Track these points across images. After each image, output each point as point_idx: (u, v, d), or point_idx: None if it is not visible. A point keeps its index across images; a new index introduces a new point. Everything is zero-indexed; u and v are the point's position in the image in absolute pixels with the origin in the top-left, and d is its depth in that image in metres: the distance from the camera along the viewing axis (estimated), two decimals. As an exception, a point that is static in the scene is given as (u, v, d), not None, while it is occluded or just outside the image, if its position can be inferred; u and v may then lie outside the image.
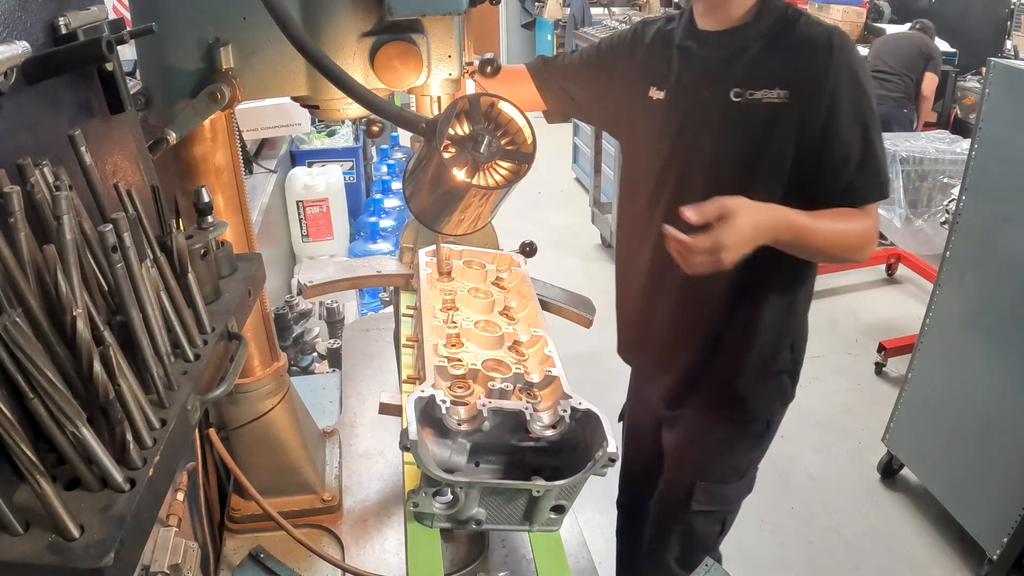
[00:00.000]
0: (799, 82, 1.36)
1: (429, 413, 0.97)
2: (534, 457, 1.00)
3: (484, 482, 0.94)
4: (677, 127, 1.49)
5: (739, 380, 1.61)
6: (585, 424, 0.97)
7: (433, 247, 1.39)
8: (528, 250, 1.46)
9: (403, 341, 1.32)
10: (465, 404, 0.99)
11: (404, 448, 0.90)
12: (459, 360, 1.09)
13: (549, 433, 0.97)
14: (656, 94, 1.52)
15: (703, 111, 1.44)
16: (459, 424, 0.97)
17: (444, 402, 0.96)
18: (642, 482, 1.94)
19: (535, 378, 1.07)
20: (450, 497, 0.96)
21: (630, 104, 1.59)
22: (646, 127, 1.56)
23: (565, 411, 0.97)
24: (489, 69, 1.19)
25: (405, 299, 1.47)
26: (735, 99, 1.40)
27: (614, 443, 0.92)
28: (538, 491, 0.94)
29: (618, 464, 1.25)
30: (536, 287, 1.36)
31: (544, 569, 1.04)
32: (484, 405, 0.97)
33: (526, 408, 0.98)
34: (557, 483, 0.93)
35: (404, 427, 0.91)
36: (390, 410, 1.33)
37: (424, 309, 1.22)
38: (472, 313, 1.26)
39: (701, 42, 1.48)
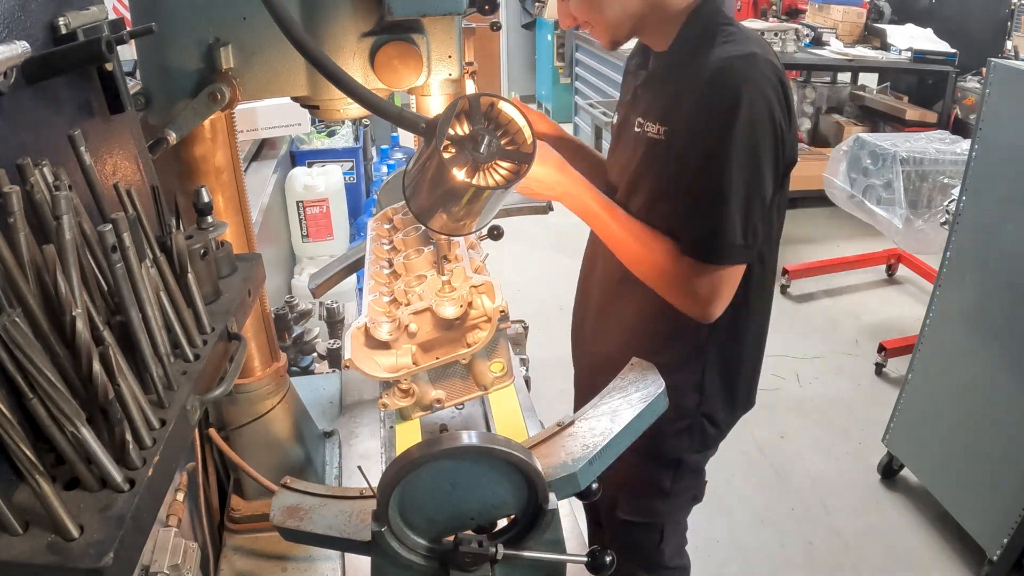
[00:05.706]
0: (672, 121, 1.34)
1: (370, 336, 1.22)
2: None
3: (421, 367, 1.16)
4: (613, 150, 1.59)
5: None
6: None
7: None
8: (496, 234, 1.56)
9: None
10: (390, 321, 1.24)
11: (344, 368, 1.14)
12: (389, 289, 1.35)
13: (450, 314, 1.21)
14: (614, 119, 1.63)
15: (627, 134, 1.49)
16: (389, 334, 1.19)
17: (374, 324, 1.21)
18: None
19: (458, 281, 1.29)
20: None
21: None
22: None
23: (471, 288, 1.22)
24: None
25: None
26: (636, 129, 1.43)
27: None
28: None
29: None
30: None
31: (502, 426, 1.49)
32: (404, 314, 1.20)
33: (436, 304, 1.21)
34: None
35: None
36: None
37: (369, 266, 1.46)
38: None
39: (640, 65, 1.52)
